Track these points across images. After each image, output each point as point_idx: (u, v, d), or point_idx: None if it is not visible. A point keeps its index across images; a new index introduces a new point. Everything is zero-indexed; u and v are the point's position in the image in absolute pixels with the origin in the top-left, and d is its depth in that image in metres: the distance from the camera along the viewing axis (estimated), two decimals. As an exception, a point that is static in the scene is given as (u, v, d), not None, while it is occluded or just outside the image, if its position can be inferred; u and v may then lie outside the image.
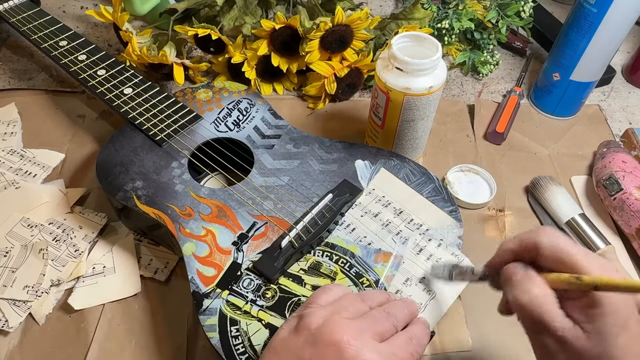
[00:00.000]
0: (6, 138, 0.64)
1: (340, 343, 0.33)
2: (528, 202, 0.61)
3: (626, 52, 0.84)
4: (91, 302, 0.50)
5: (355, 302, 0.37)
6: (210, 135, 0.56)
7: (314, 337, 0.34)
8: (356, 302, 0.38)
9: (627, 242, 0.57)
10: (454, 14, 0.75)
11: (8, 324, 0.48)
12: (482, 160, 0.65)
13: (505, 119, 0.68)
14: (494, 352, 0.49)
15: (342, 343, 0.33)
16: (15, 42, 0.78)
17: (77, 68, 0.61)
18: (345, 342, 0.33)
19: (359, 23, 0.65)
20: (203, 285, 0.44)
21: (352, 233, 0.49)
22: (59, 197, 0.57)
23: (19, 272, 0.51)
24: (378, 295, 0.40)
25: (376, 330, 0.35)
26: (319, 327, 0.34)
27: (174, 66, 0.67)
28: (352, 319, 0.35)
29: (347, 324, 0.34)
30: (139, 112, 0.57)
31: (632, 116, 0.74)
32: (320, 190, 0.52)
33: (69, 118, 0.68)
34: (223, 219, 0.49)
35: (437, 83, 0.53)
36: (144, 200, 0.50)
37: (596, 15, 0.59)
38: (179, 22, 0.71)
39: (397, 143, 0.59)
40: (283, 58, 0.69)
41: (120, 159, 0.53)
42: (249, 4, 0.73)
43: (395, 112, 0.55)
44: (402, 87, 0.52)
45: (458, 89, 0.75)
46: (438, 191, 0.52)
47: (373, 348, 0.34)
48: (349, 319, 0.35)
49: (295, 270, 0.46)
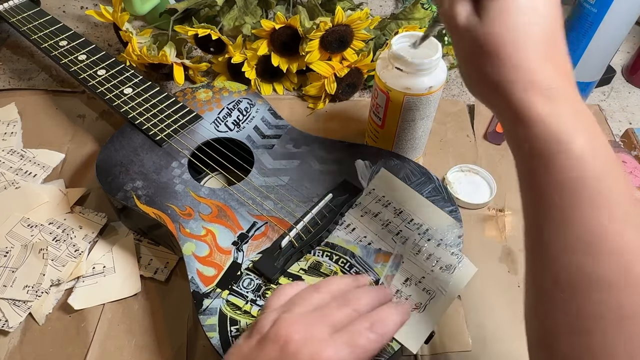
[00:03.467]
0: (6, 138, 0.64)
1: (284, 340, 0.33)
2: (528, 202, 0.61)
3: (626, 52, 0.84)
4: (91, 302, 0.50)
5: (309, 296, 0.37)
6: (210, 135, 0.56)
7: (263, 339, 0.34)
8: (309, 295, 0.37)
9: (627, 242, 0.57)
10: (454, 14, 0.75)
11: (8, 324, 0.48)
12: (482, 160, 0.65)
13: (505, 119, 0.68)
14: (494, 352, 0.49)
15: (287, 339, 0.33)
16: (15, 42, 0.78)
17: (77, 68, 0.61)
18: (289, 338, 0.33)
19: (359, 23, 0.65)
20: (203, 285, 0.44)
21: (352, 233, 0.49)
22: (59, 197, 0.57)
23: (19, 272, 0.51)
24: (337, 282, 0.39)
25: (329, 320, 0.35)
26: (268, 329, 0.34)
27: (174, 66, 0.68)
28: (301, 314, 0.35)
29: (294, 320, 0.34)
30: (139, 112, 0.57)
31: (632, 116, 0.74)
32: (320, 190, 0.52)
33: (69, 118, 0.68)
34: (223, 219, 0.49)
35: (437, 83, 0.53)
36: (144, 200, 0.50)
37: (596, 15, 0.59)
38: (179, 22, 0.71)
39: (397, 143, 0.59)
40: (283, 58, 0.69)
41: (120, 159, 0.53)
42: (249, 4, 0.73)
43: (395, 112, 0.55)
44: (402, 87, 0.52)
45: (458, 89, 0.75)
46: (438, 191, 0.52)
47: (320, 339, 0.33)
48: (299, 314, 0.35)
49: (295, 270, 0.46)
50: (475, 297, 0.51)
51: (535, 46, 0.31)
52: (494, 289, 0.53)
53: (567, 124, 0.30)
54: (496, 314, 0.51)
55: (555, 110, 0.30)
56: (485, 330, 0.50)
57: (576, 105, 0.31)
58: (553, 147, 0.30)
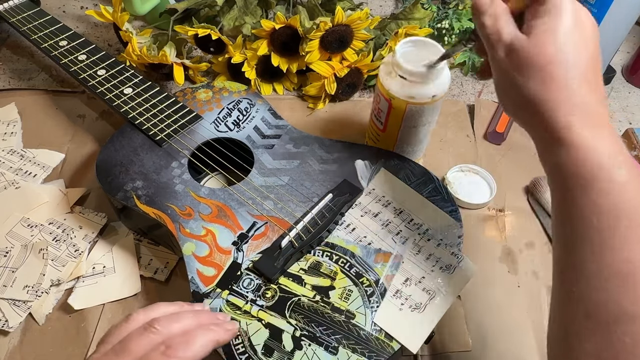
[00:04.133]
0: (6, 138, 0.64)
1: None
2: (528, 202, 0.61)
3: (626, 52, 0.84)
4: (91, 302, 0.50)
5: (116, 330, 0.37)
6: (210, 135, 0.56)
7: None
8: (117, 330, 0.37)
9: (627, 242, 0.57)
10: (454, 14, 0.75)
11: (8, 324, 0.48)
12: (482, 160, 0.65)
13: (505, 119, 0.68)
14: (494, 352, 0.49)
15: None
16: (15, 42, 0.78)
17: (77, 68, 0.61)
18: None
19: (359, 23, 0.65)
20: (203, 285, 0.44)
21: (352, 233, 0.49)
22: (59, 197, 0.57)
23: (19, 272, 0.51)
24: (156, 309, 0.38)
25: (127, 352, 0.34)
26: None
27: (174, 66, 0.68)
28: (104, 353, 0.35)
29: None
30: (139, 112, 0.57)
31: (632, 116, 0.74)
32: (320, 190, 0.52)
33: (69, 118, 0.68)
34: (223, 219, 0.49)
35: (441, 91, 0.52)
36: (144, 200, 0.50)
37: (596, 15, 0.59)
38: (179, 22, 0.71)
39: (398, 146, 0.59)
40: (283, 58, 0.69)
41: (120, 159, 0.53)
42: (249, 4, 0.73)
43: (398, 119, 0.55)
44: (406, 95, 0.52)
45: (458, 89, 0.75)
46: (438, 191, 0.52)
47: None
48: (102, 353, 0.35)
49: (295, 270, 0.46)
50: (475, 297, 0.51)
51: (583, 69, 0.31)
52: (494, 289, 0.53)
53: (609, 149, 0.30)
54: (496, 314, 0.51)
55: (598, 135, 0.31)
56: (485, 330, 0.50)
57: (613, 132, 0.31)
58: (594, 171, 0.30)
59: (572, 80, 0.31)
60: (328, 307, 0.44)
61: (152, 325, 0.36)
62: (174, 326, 0.36)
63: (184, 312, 0.38)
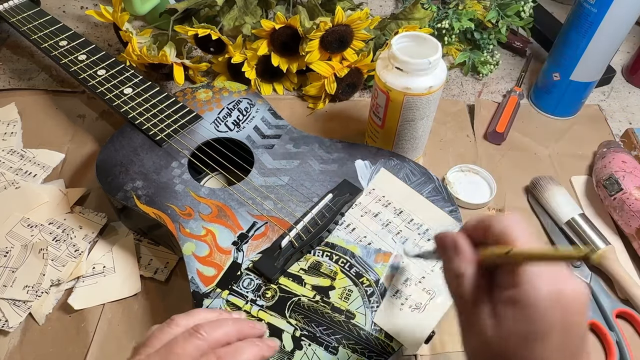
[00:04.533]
0: (6, 138, 0.64)
1: None
2: (528, 202, 0.61)
3: (626, 52, 0.84)
4: (91, 302, 0.50)
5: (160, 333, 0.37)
6: (210, 135, 0.56)
7: None
8: (161, 332, 0.37)
9: (627, 242, 0.57)
10: (454, 14, 0.75)
11: (8, 324, 0.48)
12: (482, 160, 0.65)
13: (505, 119, 0.68)
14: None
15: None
16: (15, 42, 0.78)
17: (77, 68, 0.61)
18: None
19: (359, 23, 0.65)
20: (203, 285, 0.44)
21: (352, 233, 0.49)
22: (59, 197, 0.57)
23: (19, 272, 0.51)
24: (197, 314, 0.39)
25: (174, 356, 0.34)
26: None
27: (174, 66, 0.68)
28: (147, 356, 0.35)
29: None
30: (139, 112, 0.57)
31: (632, 116, 0.74)
32: (320, 190, 0.52)
33: (69, 118, 0.68)
34: (223, 219, 0.49)
35: (437, 83, 0.53)
36: (144, 200, 0.50)
37: (596, 15, 0.59)
38: (179, 22, 0.71)
39: (397, 143, 0.59)
40: (283, 58, 0.69)
41: (120, 159, 0.53)
42: (249, 4, 0.73)
43: (395, 112, 0.55)
44: (402, 87, 0.52)
45: (458, 89, 0.76)
46: (438, 191, 0.52)
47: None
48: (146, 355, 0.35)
49: (295, 270, 0.46)
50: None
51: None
52: (494, 289, 0.53)
53: None
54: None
55: None
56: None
57: None
58: None
59: None
60: (328, 307, 0.44)
61: (198, 330, 0.36)
62: (217, 332, 0.37)
63: (224, 320, 0.39)
